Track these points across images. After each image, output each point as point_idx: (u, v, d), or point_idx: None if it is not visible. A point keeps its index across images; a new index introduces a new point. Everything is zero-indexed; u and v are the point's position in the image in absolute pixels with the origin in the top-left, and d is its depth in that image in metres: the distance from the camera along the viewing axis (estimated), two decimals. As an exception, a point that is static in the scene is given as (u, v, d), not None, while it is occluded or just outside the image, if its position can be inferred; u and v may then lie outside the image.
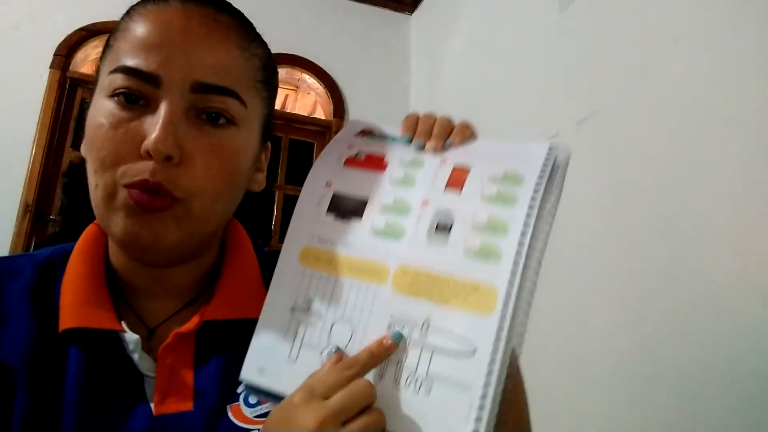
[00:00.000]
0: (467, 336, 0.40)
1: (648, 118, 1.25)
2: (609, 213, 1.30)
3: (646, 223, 1.20)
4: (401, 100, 2.57)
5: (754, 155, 1.00)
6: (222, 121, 0.47)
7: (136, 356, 0.47)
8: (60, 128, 2.12)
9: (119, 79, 0.45)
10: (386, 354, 0.40)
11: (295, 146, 2.55)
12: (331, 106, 2.54)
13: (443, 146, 0.48)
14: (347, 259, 0.45)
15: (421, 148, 0.49)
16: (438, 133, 0.49)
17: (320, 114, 2.76)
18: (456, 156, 0.48)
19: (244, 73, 0.49)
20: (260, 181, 0.55)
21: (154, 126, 0.43)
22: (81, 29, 2.19)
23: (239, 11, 0.51)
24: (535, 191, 0.43)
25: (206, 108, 0.46)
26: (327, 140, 2.53)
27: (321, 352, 0.42)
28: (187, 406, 0.46)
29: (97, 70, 0.50)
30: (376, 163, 0.49)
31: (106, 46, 0.49)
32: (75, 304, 0.47)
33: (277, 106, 3.34)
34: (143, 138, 0.44)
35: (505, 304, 0.40)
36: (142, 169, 0.43)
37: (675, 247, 1.12)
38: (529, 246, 0.41)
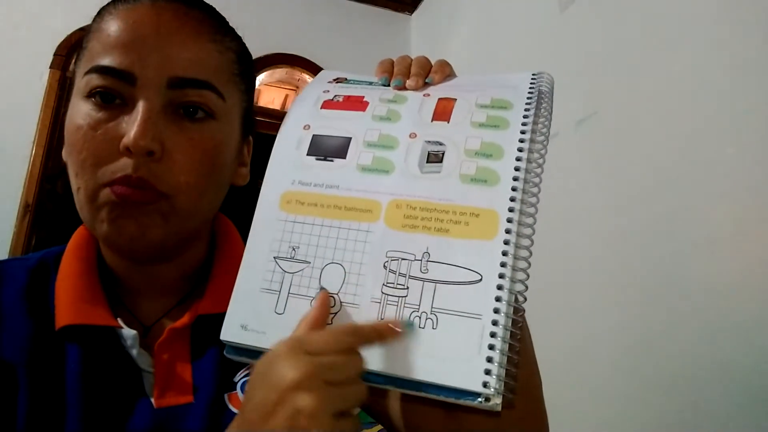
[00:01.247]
0: (471, 264, 0.38)
1: (648, 118, 1.25)
2: (609, 213, 1.30)
3: (646, 222, 1.20)
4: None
5: (754, 155, 1.00)
6: (200, 114, 0.46)
7: (134, 352, 0.47)
8: (60, 128, 2.11)
9: (94, 79, 0.45)
10: (391, 338, 0.37)
11: (295, 146, 2.54)
12: (331, 106, 2.54)
13: (424, 83, 0.47)
14: (333, 198, 0.42)
15: (401, 86, 0.47)
16: (417, 72, 0.48)
17: (320, 114, 2.76)
18: (439, 89, 0.47)
19: (220, 66, 0.48)
20: (244, 175, 0.55)
21: (132, 123, 0.43)
22: (81, 29, 2.19)
23: (210, 6, 0.51)
24: (526, 112, 0.42)
25: (184, 103, 0.46)
26: (327, 140, 2.53)
27: (311, 300, 0.39)
28: (188, 398, 0.46)
29: (73, 74, 0.50)
30: (356, 104, 0.47)
31: (80, 49, 0.49)
32: (70, 302, 0.47)
33: (277, 106, 3.34)
34: (122, 137, 0.43)
35: (509, 227, 0.38)
36: (122, 166, 0.43)
37: (675, 247, 1.12)
38: (527, 168, 0.40)
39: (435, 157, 0.42)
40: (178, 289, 0.53)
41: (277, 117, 2.55)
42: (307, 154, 0.44)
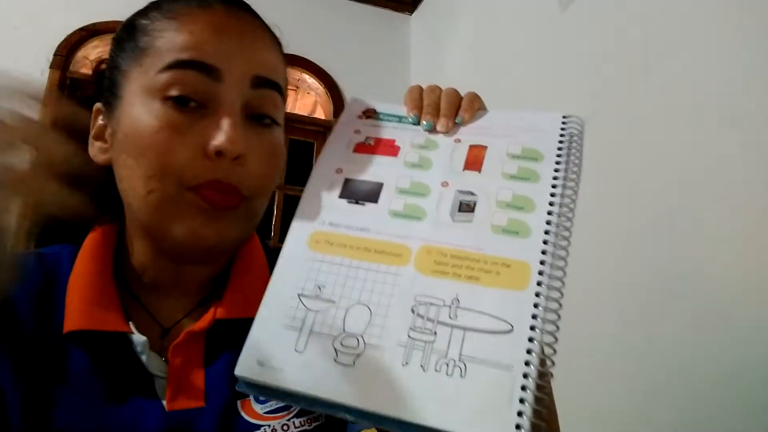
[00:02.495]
0: (501, 313, 0.37)
1: (648, 117, 1.25)
2: (609, 213, 1.30)
3: (648, 222, 1.20)
4: (401, 100, 2.56)
5: (754, 155, 1.00)
6: (267, 121, 0.48)
7: (144, 358, 0.46)
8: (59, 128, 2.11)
9: (176, 74, 0.44)
10: None
11: (295, 146, 2.54)
12: (331, 106, 2.54)
13: (454, 124, 0.47)
14: (363, 241, 0.42)
15: (432, 129, 0.47)
16: (446, 111, 0.48)
17: (320, 114, 2.76)
18: (469, 134, 0.47)
19: (284, 72, 0.51)
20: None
21: (216, 125, 0.43)
22: (81, 29, 2.19)
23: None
24: (557, 165, 0.43)
25: (259, 107, 0.47)
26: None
27: (333, 341, 0.38)
28: (199, 403, 0.46)
29: (119, 73, 0.48)
30: (388, 148, 0.47)
31: (133, 49, 0.47)
32: (81, 305, 0.47)
33: (277, 106, 3.31)
34: (204, 139, 0.43)
35: (540, 279, 0.38)
36: (210, 170, 0.43)
37: (676, 248, 1.12)
38: (558, 222, 0.40)
39: (467, 207, 0.42)
40: (200, 290, 0.52)
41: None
42: (339, 197, 0.45)
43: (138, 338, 0.46)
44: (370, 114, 0.51)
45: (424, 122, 0.48)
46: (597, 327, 1.27)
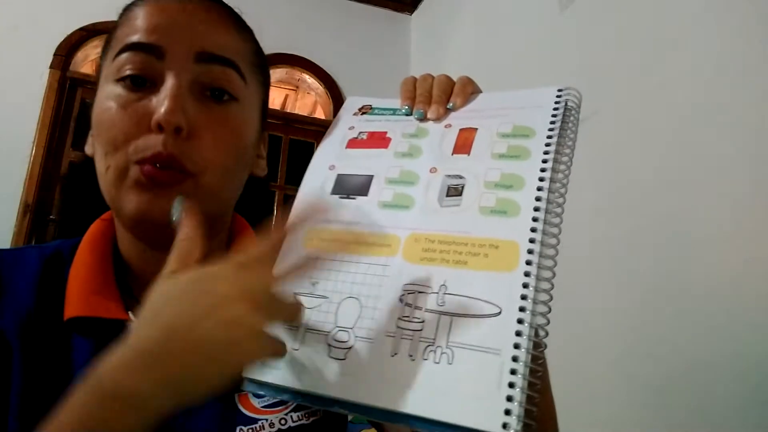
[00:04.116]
0: (490, 296, 0.36)
1: (648, 118, 1.25)
2: (609, 213, 1.30)
3: (647, 222, 1.20)
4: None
5: (754, 155, 1.00)
6: (226, 97, 0.48)
7: None
8: (60, 128, 2.11)
9: (124, 57, 0.46)
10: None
11: (295, 146, 2.54)
12: (331, 106, 2.54)
13: (446, 110, 0.47)
14: (353, 235, 0.42)
15: (423, 117, 0.47)
16: (438, 98, 0.47)
17: (320, 114, 2.76)
18: (461, 118, 0.46)
19: (243, 51, 0.50)
20: (263, 167, 0.56)
21: (162, 100, 0.44)
22: (81, 29, 2.19)
23: (230, 6, 0.54)
24: (548, 140, 0.41)
25: (210, 82, 0.47)
26: (327, 140, 2.53)
27: (327, 335, 0.38)
28: None
29: (98, 68, 0.51)
30: (379, 141, 0.47)
31: (107, 45, 0.50)
32: (82, 293, 0.47)
33: (277, 106, 3.33)
34: (152, 114, 0.44)
35: (529, 258, 0.37)
36: (153, 143, 0.44)
37: (675, 247, 1.12)
38: (548, 198, 0.39)
39: (455, 191, 0.42)
40: None
41: (276, 117, 2.56)
42: (331, 193, 0.45)
43: None
44: (365, 110, 0.51)
45: (415, 111, 0.48)
46: (596, 327, 1.27)
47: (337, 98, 2.54)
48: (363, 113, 0.51)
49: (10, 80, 2.08)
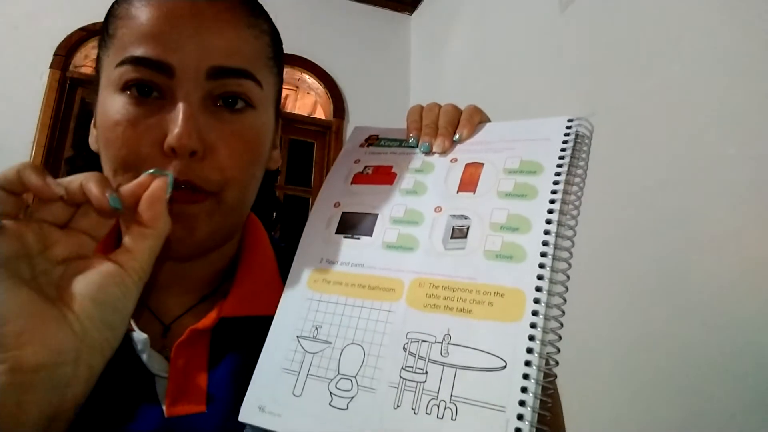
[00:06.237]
0: (494, 349, 0.35)
1: (648, 118, 1.25)
2: (609, 213, 1.30)
3: (647, 222, 1.20)
4: (401, 100, 2.56)
5: (754, 155, 1.00)
6: (240, 105, 0.45)
7: (144, 356, 0.45)
8: (60, 128, 2.11)
9: (129, 72, 0.43)
10: (94, 203, 0.36)
11: (295, 146, 2.54)
12: (331, 106, 2.54)
13: (452, 143, 0.46)
14: (358, 277, 0.41)
15: (429, 150, 0.46)
16: (444, 130, 0.46)
17: (320, 114, 2.76)
18: (467, 152, 0.45)
19: (257, 52, 0.47)
20: (276, 158, 0.54)
21: (174, 121, 0.42)
22: (81, 29, 2.19)
23: None
24: (556, 177, 0.39)
25: (223, 93, 0.45)
26: (327, 140, 2.53)
27: (329, 383, 0.38)
28: (200, 408, 0.44)
29: (98, 60, 0.48)
30: (384, 176, 0.46)
31: (105, 35, 0.47)
32: None
33: (277, 106, 3.32)
34: (163, 134, 0.42)
35: (536, 309, 0.35)
36: (166, 167, 0.42)
37: (676, 247, 1.12)
38: (556, 243, 0.37)
39: (459, 233, 0.40)
40: (204, 286, 0.51)
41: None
42: (336, 232, 0.44)
43: (139, 336, 0.45)
44: (372, 141, 0.50)
45: (422, 144, 0.46)
46: (596, 327, 1.27)
47: (337, 98, 2.54)
48: (369, 144, 0.50)
49: (10, 80, 2.08)
